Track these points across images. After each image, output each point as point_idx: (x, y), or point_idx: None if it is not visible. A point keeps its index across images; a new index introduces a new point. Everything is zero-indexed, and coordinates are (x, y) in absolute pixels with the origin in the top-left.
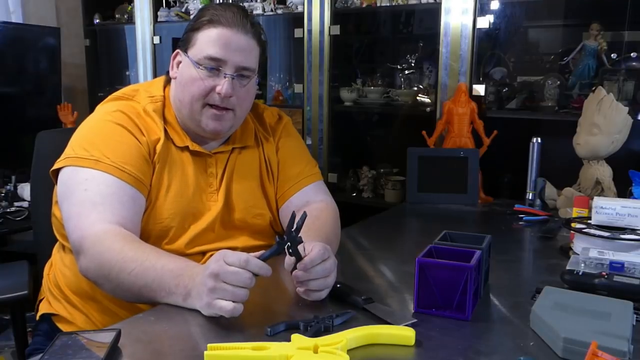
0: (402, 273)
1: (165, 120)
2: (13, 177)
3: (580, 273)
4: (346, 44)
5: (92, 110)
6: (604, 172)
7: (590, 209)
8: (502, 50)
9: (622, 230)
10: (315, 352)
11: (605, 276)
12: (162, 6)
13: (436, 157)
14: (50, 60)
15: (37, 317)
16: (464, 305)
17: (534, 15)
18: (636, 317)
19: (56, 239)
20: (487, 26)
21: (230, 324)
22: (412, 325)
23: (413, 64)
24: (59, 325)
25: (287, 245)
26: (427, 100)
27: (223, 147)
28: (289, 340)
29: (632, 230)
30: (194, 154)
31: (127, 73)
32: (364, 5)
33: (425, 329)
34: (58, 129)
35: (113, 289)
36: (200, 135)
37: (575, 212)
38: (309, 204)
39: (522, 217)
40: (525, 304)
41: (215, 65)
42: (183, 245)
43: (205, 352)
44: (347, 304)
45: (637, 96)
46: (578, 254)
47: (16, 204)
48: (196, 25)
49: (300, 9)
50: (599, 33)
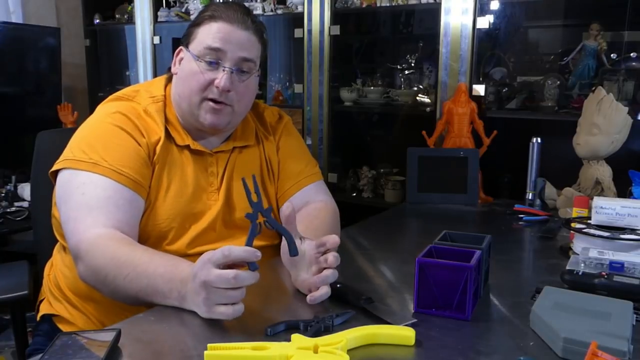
0: (402, 273)
1: (166, 120)
2: (13, 177)
3: (580, 273)
4: (346, 44)
5: (92, 110)
6: (604, 172)
7: (590, 209)
8: (502, 50)
9: (622, 230)
10: (315, 352)
11: (605, 276)
12: (162, 6)
13: (436, 157)
14: (50, 60)
15: (38, 318)
16: (464, 305)
17: (534, 15)
18: (636, 317)
19: (56, 239)
20: (487, 26)
21: (230, 324)
22: (412, 325)
23: (413, 64)
24: (60, 325)
25: (261, 220)
26: (427, 100)
27: (224, 146)
28: (289, 340)
29: (632, 230)
30: (194, 153)
31: (127, 73)
32: (364, 5)
33: (425, 329)
34: (58, 129)
35: (111, 293)
36: (200, 131)
37: (575, 212)
38: (309, 204)
39: (522, 217)
40: (525, 304)
41: (214, 58)
42: (184, 246)
43: (205, 352)
44: (347, 304)
45: (637, 96)
46: (578, 254)
47: (16, 204)
48: (197, 21)
49: (300, 9)
50: (599, 33)
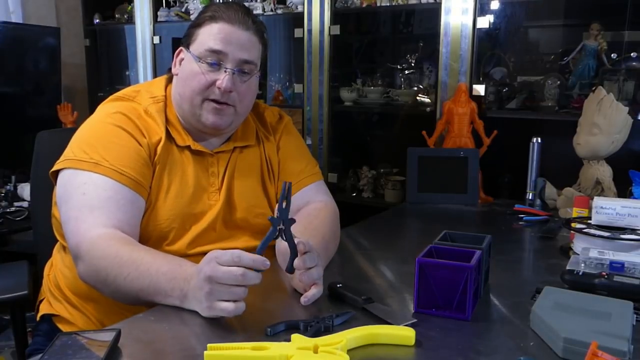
0: (402, 273)
1: (167, 120)
2: (13, 177)
3: (580, 273)
4: (346, 44)
5: (92, 111)
6: (604, 172)
7: (590, 209)
8: (502, 50)
9: (622, 230)
10: (315, 352)
11: (605, 276)
12: (162, 6)
13: (436, 157)
14: (50, 60)
15: (38, 318)
16: (464, 305)
17: (534, 15)
18: (636, 317)
19: (56, 239)
20: (487, 26)
21: (230, 324)
22: (412, 325)
23: (413, 64)
24: (60, 325)
25: (280, 229)
26: (427, 100)
27: (224, 147)
28: (289, 340)
29: (632, 230)
30: (195, 153)
31: (127, 73)
32: (364, 5)
33: (425, 329)
34: (58, 129)
35: (112, 293)
36: (201, 131)
37: (575, 212)
38: (309, 204)
39: (522, 217)
40: (525, 304)
41: (216, 60)
42: (184, 246)
43: (205, 352)
44: (347, 304)
45: (637, 96)
46: (578, 254)
47: (16, 204)
48: (198, 22)
49: (300, 9)
50: (599, 33)
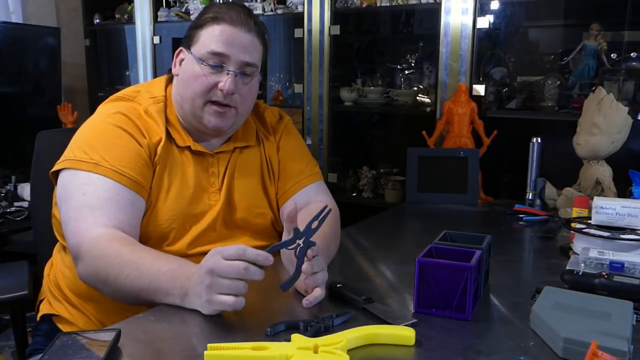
0: (402, 273)
1: (167, 121)
2: (13, 177)
3: (580, 273)
4: (346, 44)
5: (92, 110)
6: (604, 172)
7: (590, 209)
8: (502, 50)
9: (622, 230)
10: (315, 352)
11: (605, 276)
12: (162, 6)
13: (436, 157)
14: (50, 60)
15: (38, 318)
16: (464, 305)
17: (534, 15)
18: (636, 317)
19: (56, 239)
20: (487, 26)
21: (230, 324)
22: (412, 325)
23: (413, 64)
24: (60, 325)
25: (299, 244)
26: (427, 100)
27: (224, 147)
28: (289, 340)
29: (632, 230)
30: (195, 153)
31: (127, 73)
32: (364, 5)
33: (425, 329)
34: (58, 129)
35: (112, 293)
36: (202, 132)
37: (575, 212)
38: (309, 204)
39: (522, 217)
40: (525, 304)
41: (218, 62)
42: (185, 247)
43: (205, 352)
44: (347, 304)
45: (637, 96)
46: (578, 254)
47: (16, 204)
48: (200, 23)
49: (300, 9)
50: (599, 33)
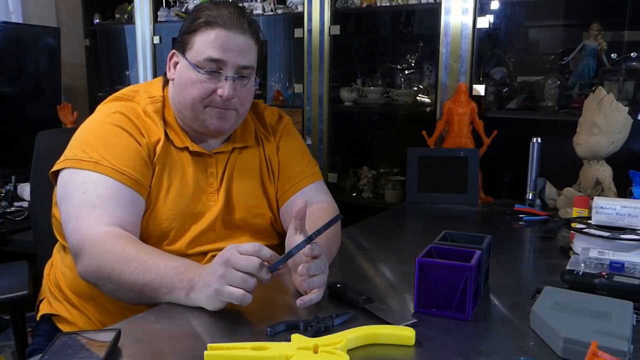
0: (402, 273)
1: (165, 121)
2: (13, 177)
3: (580, 273)
4: (346, 44)
5: (92, 110)
6: (604, 172)
7: (590, 209)
8: (502, 50)
9: (622, 230)
10: (315, 352)
11: (605, 276)
12: (162, 6)
13: (436, 157)
14: (50, 60)
15: (38, 318)
16: (464, 305)
17: (534, 15)
18: (636, 317)
19: (56, 239)
20: (487, 26)
21: (230, 324)
22: (412, 325)
23: (413, 64)
24: (60, 325)
25: (305, 240)
26: (427, 100)
27: (223, 147)
28: (289, 340)
29: (632, 230)
30: (194, 154)
31: (127, 73)
32: (364, 5)
33: (425, 329)
34: (58, 129)
35: (114, 291)
36: (202, 133)
37: (575, 212)
38: (311, 204)
39: (522, 217)
40: (525, 304)
41: (215, 68)
42: (184, 246)
43: (205, 352)
44: (347, 304)
45: (637, 96)
46: (578, 254)
47: (16, 204)
48: (192, 28)
49: (300, 9)
50: (599, 33)
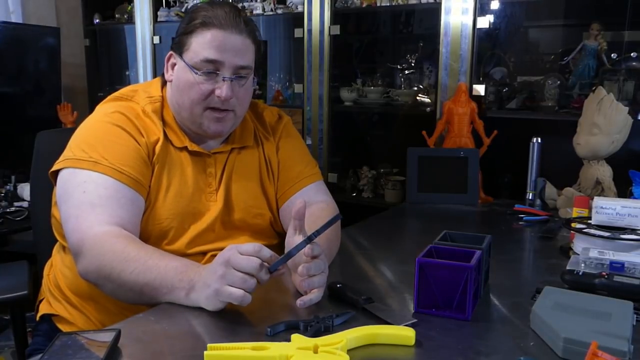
0: (402, 273)
1: (163, 121)
2: (13, 177)
3: (580, 273)
4: (346, 44)
5: (92, 110)
6: (604, 172)
7: (590, 209)
8: (502, 50)
9: (622, 230)
10: (315, 352)
11: (605, 276)
12: (162, 6)
13: (436, 157)
14: (50, 60)
15: (37, 318)
16: (464, 305)
17: (534, 15)
18: (636, 317)
19: (56, 239)
20: (487, 26)
21: (230, 324)
22: (412, 325)
23: (413, 64)
24: (59, 325)
25: (305, 240)
26: (427, 100)
27: (222, 147)
28: (289, 340)
29: (632, 230)
30: (192, 154)
31: (127, 73)
32: (364, 5)
33: (425, 329)
34: (58, 129)
35: (114, 290)
36: (200, 135)
37: (575, 212)
38: (311, 205)
39: (522, 217)
40: (525, 304)
41: (212, 69)
42: (183, 246)
43: (205, 352)
44: (347, 304)
45: (637, 96)
46: (578, 254)
47: (16, 204)
48: (189, 29)
49: (300, 9)
50: (599, 33)
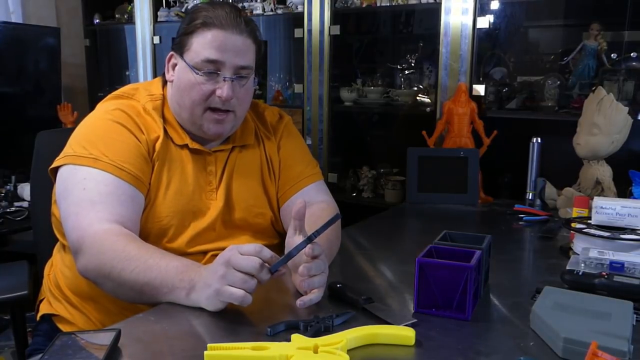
0: (402, 273)
1: (164, 119)
2: (13, 177)
3: (580, 273)
4: (346, 44)
5: (92, 110)
6: (604, 172)
7: (590, 209)
8: (502, 50)
9: (622, 230)
10: (315, 352)
11: (605, 276)
12: (162, 6)
13: (436, 157)
14: (50, 60)
15: (38, 318)
16: (464, 305)
17: (534, 15)
18: (636, 317)
19: (56, 239)
20: (487, 26)
21: (230, 324)
22: (412, 325)
23: (413, 64)
24: (59, 325)
25: (306, 240)
26: (427, 100)
27: (223, 146)
28: (289, 340)
29: (632, 230)
30: (193, 151)
31: (127, 73)
32: (364, 5)
33: (425, 329)
34: (58, 129)
35: (114, 289)
36: (200, 136)
37: (575, 212)
38: (311, 204)
39: (522, 217)
40: (525, 304)
41: (213, 69)
42: (184, 244)
43: (205, 352)
44: (347, 304)
45: (637, 96)
46: (578, 254)
47: (16, 204)
48: (190, 29)
49: (300, 9)
50: (599, 33)
